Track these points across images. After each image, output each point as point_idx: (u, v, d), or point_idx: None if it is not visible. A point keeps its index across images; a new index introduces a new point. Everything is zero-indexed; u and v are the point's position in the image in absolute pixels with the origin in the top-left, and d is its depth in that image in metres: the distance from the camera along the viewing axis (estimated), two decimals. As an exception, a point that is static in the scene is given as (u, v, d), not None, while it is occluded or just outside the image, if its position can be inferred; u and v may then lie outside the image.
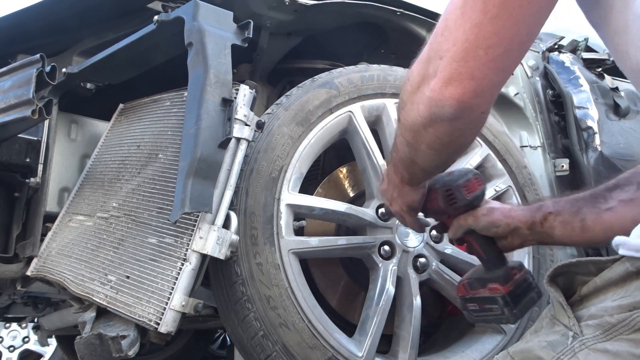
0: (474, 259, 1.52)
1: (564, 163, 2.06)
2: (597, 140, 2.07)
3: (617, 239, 0.67)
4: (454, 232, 1.12)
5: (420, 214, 1.18)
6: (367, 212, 1.46)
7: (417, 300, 1.44)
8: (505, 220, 1.06)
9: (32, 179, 1.47)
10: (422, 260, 1.48)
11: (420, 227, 1.22)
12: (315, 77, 1.52)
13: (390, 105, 1.55)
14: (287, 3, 1.58)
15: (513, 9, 0.71)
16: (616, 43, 0.75)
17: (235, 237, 1.19)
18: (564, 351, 0.66)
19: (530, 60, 2.23)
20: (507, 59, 0.75)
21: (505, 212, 1.07)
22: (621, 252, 0.66)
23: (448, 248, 1.52)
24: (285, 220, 1.34)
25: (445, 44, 0.76)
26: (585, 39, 2.36)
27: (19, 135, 1.43)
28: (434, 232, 1.52)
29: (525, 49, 0.77)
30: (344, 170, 1.72)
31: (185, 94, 1.26)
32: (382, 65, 1.61)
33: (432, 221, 1.24)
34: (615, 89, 2.24)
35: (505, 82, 0.81)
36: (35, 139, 1.47)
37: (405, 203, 1.12)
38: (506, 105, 2.10)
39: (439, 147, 0.87)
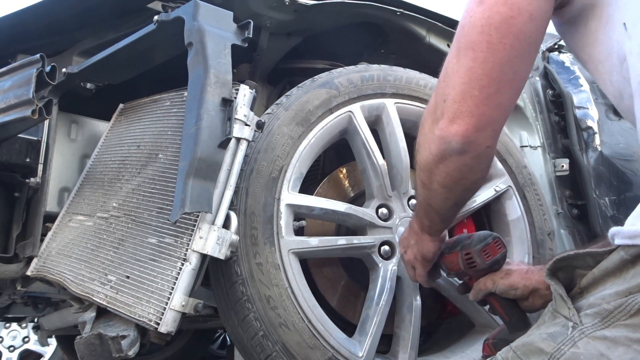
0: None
1: (564, 163, 2.06)
2: (597, 140, 2.07)
3: (612, 230, 0.69)
4: (475, 295, 1.16)
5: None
6: (367, 212, 1.46)
7: (417, 300, 1.44)
8: (523, 282, 1.09)
9: (32, 179, 1.47)
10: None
11: (427, 283, 1.27)
12: (315, 77, 1.52)
13: (390, 105, 1.55)
14: (287, 3, 1.58)
15: (497, 53, 0.81)
16: (600, 72, 0.83)
17: (235, 237, 1.18)
18: (564, 341, 0.67)
19: (530, 60, 2.22)
20: (500, 96, 0.84)
21: (523, 274, 1.11)
22: (616, 241, 0.68)
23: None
24: (285, 220, 1.34)
25: (446, 88, 0.87)
26: (585, 39, 2.36)
27: (19, 135, 1.43)
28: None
29: (515, 87, 0.86)
30: (344, 170, 1.71)
31: (185, 94, 1.25)
32: (382, 65, 1.61)
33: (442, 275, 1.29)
34: (615, 89, 2.24)
35: (506, 118, 0.89)
36: (35, 139, 1.47)
37: (420, 252, 1.18)
38: (506, 105, 2.09)
39: (450, 184, 0.95)
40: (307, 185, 1.59)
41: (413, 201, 1.52)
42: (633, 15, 0.74)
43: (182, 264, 1.13)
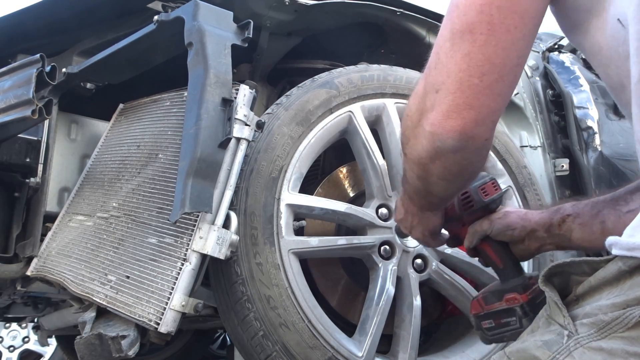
0: (473, 258, 1.52)
1: (564, 163, 2.06)
2: (597, 140, 2.07)
3: (610, 239, 0.68)
4: (470, 240, 1.09)
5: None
6: (367, 212, 1.46)
7: (417, 300, 1.44)
8: (521, 222, 1.04)
9: (32, 179, 1.47)
10: (422, 260, 1.48)
11: (443, 243, 1.20)
12: (315, 77, 1.52)
13: (390, 105, 1.55)
14: (287, 3, 1.58)
15: (501, 35, 0.73)
16: (599, 62, 0.77)
17: (235, 237, 1.19)
18: (560, 350, 0.67)
19: (530, 60, 2.23)
20: (502, 84, 0.76)
21: (522, 215, 1.05)
22: (614, 252, 0.66)
23: (448, 248, 1.52)
24: (285, 220, 1.34)
25: (439, 76, 0.77)
26: (585, 38, 2.36)
27: (19, 135, 1.43)
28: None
29: (518, 72, 0.78)
30: (344, 170, 1.71)
31: (185, 94, 1.26)
32: (382, 65, 1.61)
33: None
34: (615, 89, 2.24)
35: (504, 108, 0.81)
36: (35, 139, 1.47)
37: (427, 229, 1.10)
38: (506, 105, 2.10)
39: (450, 177, 0.88)
40: (307, 185, 1.59)
41: (413, 201, 1.52)
42: (629, 12, 0.70)
43: (182, 264, 1.13)
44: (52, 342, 3.69)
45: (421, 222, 1.10)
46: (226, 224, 1.19)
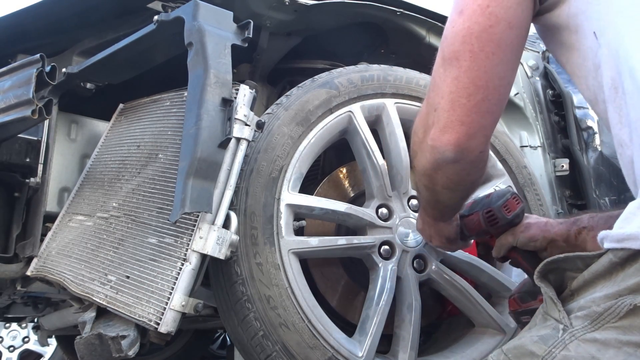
0: (473, 258, 1.52)
1: (564, 163, 2.06)
2: (597, 140, 2.07)
3: (601, 234, 0.70)
4: (497, 252, 1.21)
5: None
6: (367, 212, 1.46)
7: (417, 300, 1.44)
8: (542, 233, 1.15)
9: (32, 179, 1.47)
10: (422, 260, 1.48)
11: (465, 246, 1.34)
12: (315, 77, 1.52)
13: (390, 105, 1.55)
14: (287, 3, 1.58)
15: (481, 61, 0.85)
16: (577, 76, 0.86)
17: (235, 237, 1.18)
18: (555, 344, 0.68)
19: (530, 60, 2.23)
20: (488, 103, 0.87)
21: (542, 227, 1.16)
22: (605, 245, 0.69)
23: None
24: (285, 220, 1.34)
25: (436, 98, 0.90)
26: (585, 38, 2.36)
27: (19, 135, 1.43)
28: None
29: (503, 92, 0.90)
30: (344, 170, 1.71)
31: (185, 94, 1.26)
32: (382, 65, 1.61)
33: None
34: (615, 89, 2.24)
35: (496, 123, 0.93)
36: (35, 139, 1.47)
37: (443, 237, 1.25)
38: (506, 105, 2.10)
39: (452, 186, 1.00)
40: (307, 185, 1.59)
41: (413, 201, 1.52)
42: (601, 25, 0.78)
43: (182, 264, 1.13)
44: (52, 342, 3.70)
45: (437, 232, 1.24)
46: (226, 224, 1.19)
